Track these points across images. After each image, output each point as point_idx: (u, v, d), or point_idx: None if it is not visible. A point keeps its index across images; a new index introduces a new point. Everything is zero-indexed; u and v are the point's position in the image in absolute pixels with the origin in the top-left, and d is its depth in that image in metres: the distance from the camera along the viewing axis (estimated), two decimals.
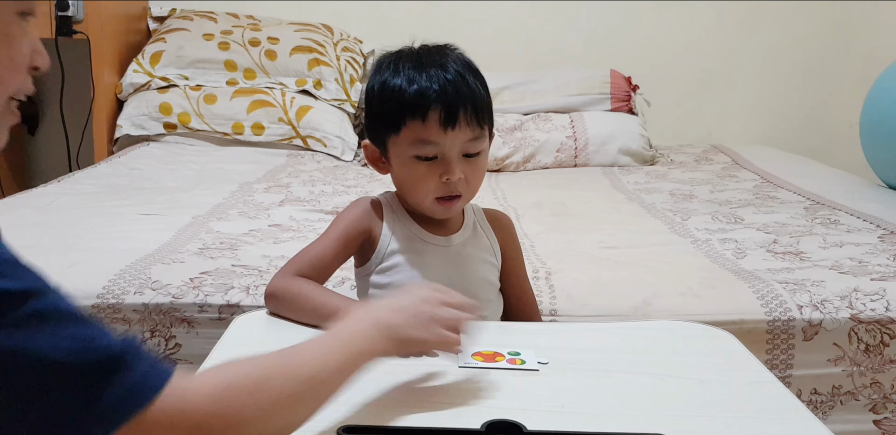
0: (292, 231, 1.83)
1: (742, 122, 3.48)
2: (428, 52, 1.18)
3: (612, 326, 1.28)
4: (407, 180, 1.18)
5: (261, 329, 1.15)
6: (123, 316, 1.43)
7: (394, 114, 1.14)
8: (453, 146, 1.13)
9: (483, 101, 1.15)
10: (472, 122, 1.13)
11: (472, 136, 1.14)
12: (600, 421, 0.91)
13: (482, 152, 1.17)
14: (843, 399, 1.48)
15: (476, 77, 1.16)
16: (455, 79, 1.13)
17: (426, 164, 1.14)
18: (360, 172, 2.62)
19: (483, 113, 1.15)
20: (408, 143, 1.14)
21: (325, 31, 3.11)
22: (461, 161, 1.14)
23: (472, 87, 1.14)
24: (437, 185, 1.15)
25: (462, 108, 1.12)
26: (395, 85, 1.14)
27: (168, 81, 2.90)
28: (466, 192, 1.17)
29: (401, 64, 1.16)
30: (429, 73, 1.13)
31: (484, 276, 1.24)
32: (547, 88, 3.03)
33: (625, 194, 2.39)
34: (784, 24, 3.39)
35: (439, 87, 1.12)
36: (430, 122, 1.12)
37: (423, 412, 0.91)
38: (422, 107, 1.11)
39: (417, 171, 1.15)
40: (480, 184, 1.20)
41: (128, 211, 1.95)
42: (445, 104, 1.11)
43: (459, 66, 1.15)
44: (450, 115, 1.11)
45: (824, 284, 1.54)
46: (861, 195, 2.34)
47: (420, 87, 1.12)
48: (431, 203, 1.17)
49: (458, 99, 1.12)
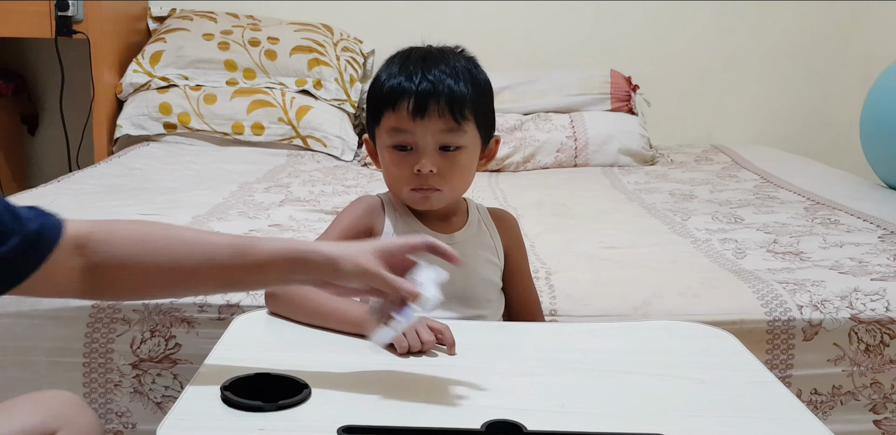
0: (292, 231, 1.83)
1: (742, 122, 3.47)
2: (429, 52, 1.19)
3: (612, 326, 1.28)
4: (385, 170, 1.21)
5: (261, 329, 1.16)
6: (123, 316, 1.43)
7: (374, 105, 1.19)
8: (425, 136, 1.16)
9: (462, 95, 1.16)
10: (444, 114, 1.15)
11: (445, 128, 1.16)
12: (600, 421, 0.91)
13: (463, 148, 1.18)
14: (843, 399, 1.48)
15: (470, 76, 1.18)
16: (436, 74, 1.16)
17: (401, 155, 1.18)
18: (360, 172, 2.62)
19: (460, 106, 1.16)
20: (385, 133, 1.18)
21: (325, 31, 3.11)
22: (436, 154, 1.16)
23: (451, 82, 1.16)
24: (409, 175, 1.17)
25: (433, 99, 1.14)
26: (379, 79, 1.19)
27: (168, 81, 2.90)
28: (445, 187, 1.18)
29: (393, 61, 1.20)
30: (409, 69, 1.17)
31: (485, 275, 1.24)
32: (547, 88, 3.03)
33: (625, 194, 2.39)
34: (784, 25, 3.39)
35: (416, 80, 1.15)
36: (400, 110, 1.15)
37: (423, 412, 0.91)
38: (393, 96, 1.16)
39: (393, 160, 1.19)
40: (462, 181, 1.21)
41: (128, 211, 1.95)
42: (416, 94, 1.15)
43: (450, 66, 1.17)
44: (419, 104, 1.14)
45: (824, 284, 1.54)
46: (861, 195, 2.33)
47: (396, 80, 1.17)
48: (408, 193, 1.19)
49: (431, 90, 1.15)
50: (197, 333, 1.44)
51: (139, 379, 1.45)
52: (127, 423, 1.46)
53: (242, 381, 0.94)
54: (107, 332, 1.44)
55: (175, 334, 1.44)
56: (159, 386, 1.45)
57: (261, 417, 0.88)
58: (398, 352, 1.05)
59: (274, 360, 1.01)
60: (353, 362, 1.04)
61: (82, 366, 1.44)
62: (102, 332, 1.44)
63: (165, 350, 1.44)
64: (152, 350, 1.44)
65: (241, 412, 0.89)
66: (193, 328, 1.44)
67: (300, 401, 0.91)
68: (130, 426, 1.46)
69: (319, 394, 0.93)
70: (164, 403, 1.45)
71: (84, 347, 1.44)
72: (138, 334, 1.44)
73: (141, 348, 1.44)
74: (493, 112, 1.24)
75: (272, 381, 0.95)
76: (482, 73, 1.22)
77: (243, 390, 0.91)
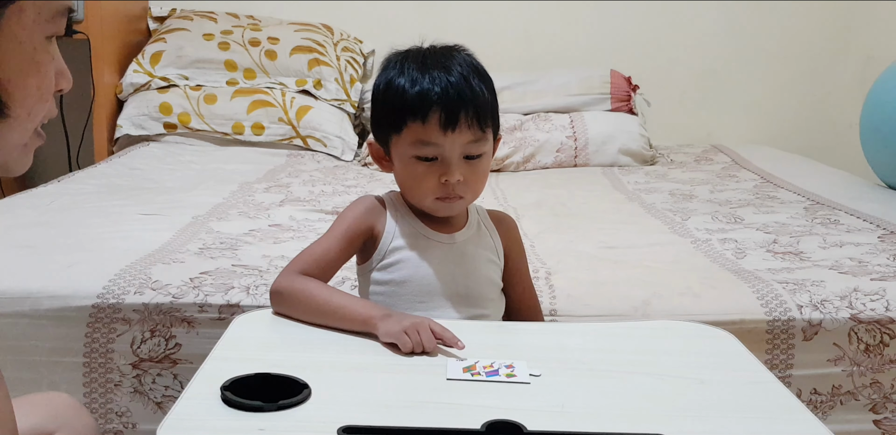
0: (292, 231, 1.84)
1: (742, 122, 3.47)
2: (434, 52, 1.18)
3: (612, 326, 1.28)
4: (407, 180, 1.19)
5: (261, 329, 1.16)
6: (123, 316, 1.43)
7: (396, 114, 1.15)
8: (453, 148, 1.14)
9: (486, 103, 1.16)
10: (472, 125, 1.14)
11: (473, 139, 1.15)
12: (600, 421, 0.91)
13: (484, 155, 1.17)
14: (842, 399, 1.48)
15: (482, 79, 1.17)
16: (458, 81, 1.14)
17: (426, 165, 1.15)
18: (360, 172, 2.62)
19: (485, 116, 1.15)
20: (408, 144, 1.15)
21: (325, 31, 3.11)
22: (461, 163, 1.15)
23: (474, 90, 1.15)
24: (436, 185, 1.16)
25: (463, 111, 1.13)
26: (399, 85, 1.15)
27: (168, 81, 2.90)
28: (467, 194, 1.18)
29: (406, 64, 1.17)
30: (432, 74, 1.14)
31: (486, 274, 1.24)
32: (547, 88, 3.03)
33: (625, 194, 2.39)
34: (784, 25, 3.38)
35: (441, 90, 1.13)
36: (430, 123, 1.13)
37: (423, 412, 0.91)
38: (423, 108, 1.13)
39: (417, 171, 1.16)
40: (483, 186, 1.20)
41: (128, 211, 1.95)
42: (446, 106, 1.12)
43: (464, 69, 1.16)
44: (450, 118, 1.12)
45: (824, 284, 1.54)
46: (861, 195, 2.33)
47: (422, 88, 1.13)
48: (432, 202, 1.18)
49: (460, 101, 1.13)
50: (197, 333, 1.44)
51: (139, 379, 1.45)
52: (127, 423, 1.46)
53: (242, 381, 0.94)
54: (107, 332, 1.44)
55: (175, 334, 1.44)
56: (159, 386, 1.45)
57: (261, 417, 0.88)
58: (402, 351, 1.05)
59: (274, 360, 1.01)
60: (354, 362, 1.04)
61: (82, 366, 1.44)
62: (102, 332, 1.44)
63: (165, 350, 1.44)
64: (152, 350, 1.44)
65: (241, 412, 0.89)
66: (193, 328, 1.44)
67: (300, 401, 0.91)
68: (130, 426, 1.46)
69: (319, 394, 0.93)
70: (164, 403, 1.45)
71: (84, 347, 1.44)
72: (138, 334, 1.44)
73: (141, 348, 1.44)
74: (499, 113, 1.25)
75: (272, 381, 0.95)
76: (487, 73, 1.21)
77: (243, 390, 0.91)
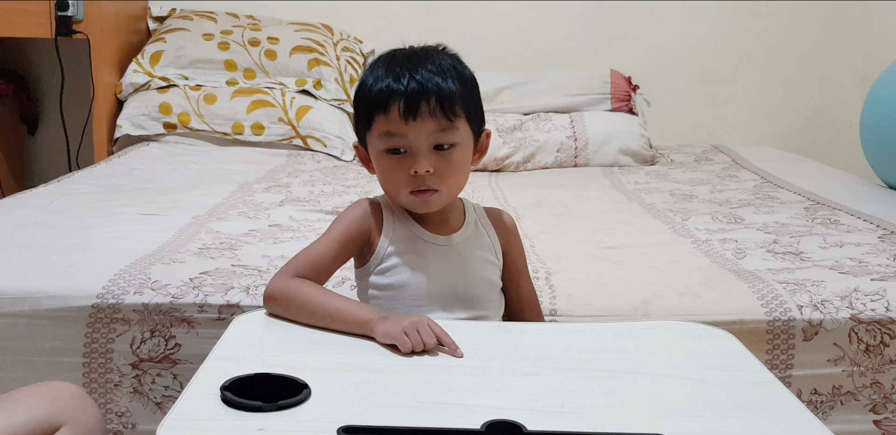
0: (292, 231, 1.83)
1: (742, 122, 3.47)
2: (413, 53, 1.19)
3: (612, 326, 1.28)
4: (381, 175, 1.20)
5: (261, 329, 1.15)
6: (123, 316, 1.43)
7: (365, 111, 1.17)
8: (419, 138, 1.15)
9: (451, 93, 1.15)
10: (436, 114, 1.14)
11: (439, 128, 1.15)
12: (600, 421, 0.91)
13: (457, 145, 1.17)
14: (843, 399, 1.48)
15: (454, 72, 1.17)
16: (423, 73, 1.15)
17: (396, 158, 1.16)
18: (360, 172, 2.62)
19: (451, 104, 1.15)
20: (377, 138, 1.17)
21: (325, 31, 3.11)
22: (430, 154, 1.16)
23: (438, 80, 1.15)
24: (407, 178, 1.16)
25: (424, 99, 1.13)
26: (366, 84, 1.18)
27: (168, 81, 2.90)
28: (441, 187, 1.17)
29: (378, 64, 1.19)
30: (396, 71, 1.15)
31: (485, 275, 1.24)
32: (547, 88, 3.03)
33: (625, 194, 2.39)
34: (784, 25, 3.39)
35: (405, 82, 1.14)
36: (391, 114, 1.14)
37: (423, 412, 0.91)
38: (384, 100, 1.14)
39: (388, 164, 1.17)
40: (459, 179, 1.20)
41: (128, 211, 1.95)
42: (407, 96, 1.13)
43: (435, 64, 1.16)
44: (410, 107, 1.13)
45: (824, 284, 1.54)
46: (861, 195, 2.33)
47: (385, 83, 1.15)
48: (406, 197, 1.18)
49: (421, 90, 1.14)
50: (197, 333, 1.44)
51: (139, 379, 1.45)
52: (127, 423, 1.46)
53: (242, 381, 0.94)
54: (107, 332, 1.44)
55: (175, 334, 1.44)
56: (159, 386, 1.45)
57: (261, 417, 0.88)
58: (402, 351, 1.05)
59: (274, 360, 1.01)
60: (353, 362, 1.04)
61: (82, 366, 1.44)
62: (102, 332, 1.44)
63: (165, 350, 1.44)
64: (152, 350, 1.44)
65: (240, 412, 0.89)
66: (193, 328, 1.44)
67: (300, 401, 0.91)
68: (130, 426, 1.46)
69: (319, 394, 0.93)
70: (164, 403, 1.45)
71: (84, 347, 1.44)
72: (138, 334, 1.44)
73: (141, 348, 1.44)
74: (482, 106, 1.24)
75: (272, 381, 0.95)
76: (467, 68, 1.21)
77: (243, 390, 0.91)
